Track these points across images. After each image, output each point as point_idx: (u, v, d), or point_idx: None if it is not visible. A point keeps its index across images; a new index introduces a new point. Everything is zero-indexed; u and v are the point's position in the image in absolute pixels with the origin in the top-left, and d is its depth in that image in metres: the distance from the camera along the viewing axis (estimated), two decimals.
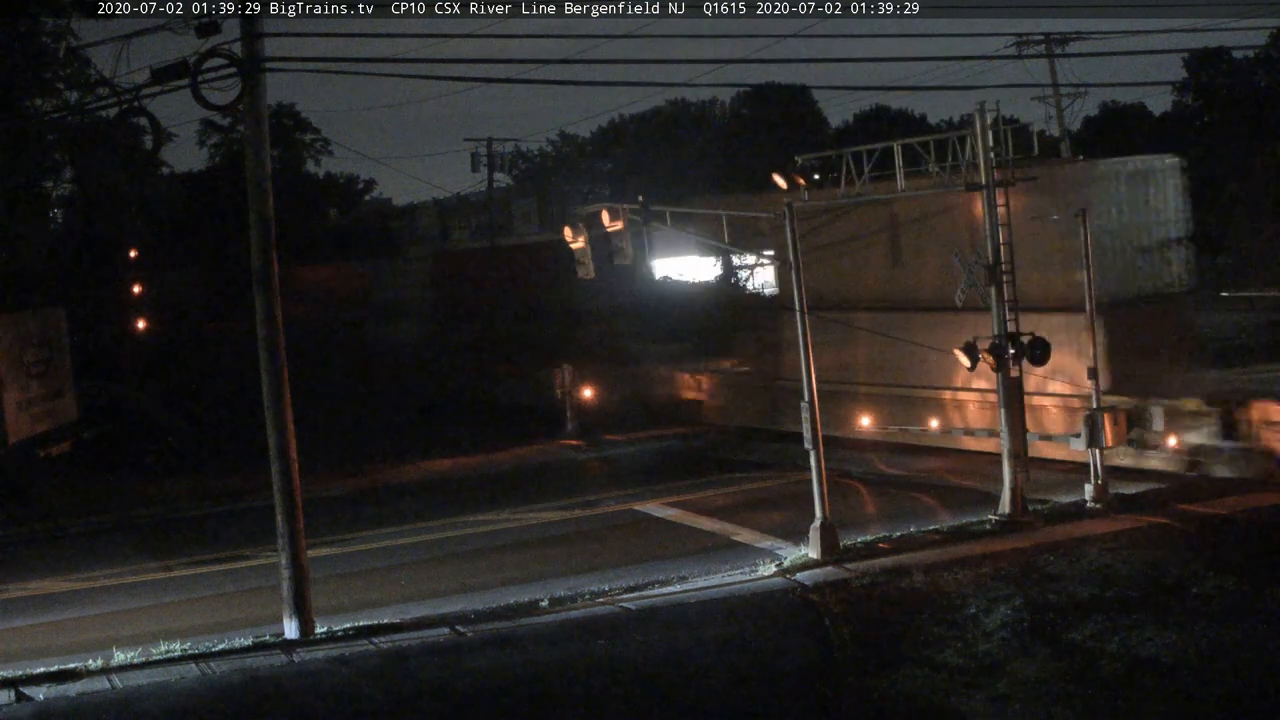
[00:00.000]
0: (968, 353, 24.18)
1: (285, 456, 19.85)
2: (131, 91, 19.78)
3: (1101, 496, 24.57)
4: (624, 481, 30.99)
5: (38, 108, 42.11)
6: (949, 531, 23.53)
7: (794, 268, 23.05)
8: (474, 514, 28.31)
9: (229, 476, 34.17)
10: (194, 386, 55.83)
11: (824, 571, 21.59)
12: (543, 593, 21.15)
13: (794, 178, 24.74)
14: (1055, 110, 51.88)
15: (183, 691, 17.51)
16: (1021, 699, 16.52)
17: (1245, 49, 68.48)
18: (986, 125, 24.54)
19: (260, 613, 20.87)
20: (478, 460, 35.82)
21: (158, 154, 50.63)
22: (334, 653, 18.83)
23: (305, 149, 75.64)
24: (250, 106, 19.49)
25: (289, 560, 19.72)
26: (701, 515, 26.66)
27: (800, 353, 22.91)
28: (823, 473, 22.45)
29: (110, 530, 29.58)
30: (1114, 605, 19.02)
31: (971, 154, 24.81)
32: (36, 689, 17.70)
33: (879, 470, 30.02)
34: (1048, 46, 50.83)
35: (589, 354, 42.87)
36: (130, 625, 20.82)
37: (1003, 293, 24.44)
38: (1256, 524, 22.71)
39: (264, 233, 19.80)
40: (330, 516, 28.04)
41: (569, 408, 38.72)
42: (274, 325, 19.81)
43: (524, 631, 19.40)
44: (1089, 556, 21.25)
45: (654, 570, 22.31)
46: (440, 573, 23.41)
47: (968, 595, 19.89)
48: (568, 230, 26.52)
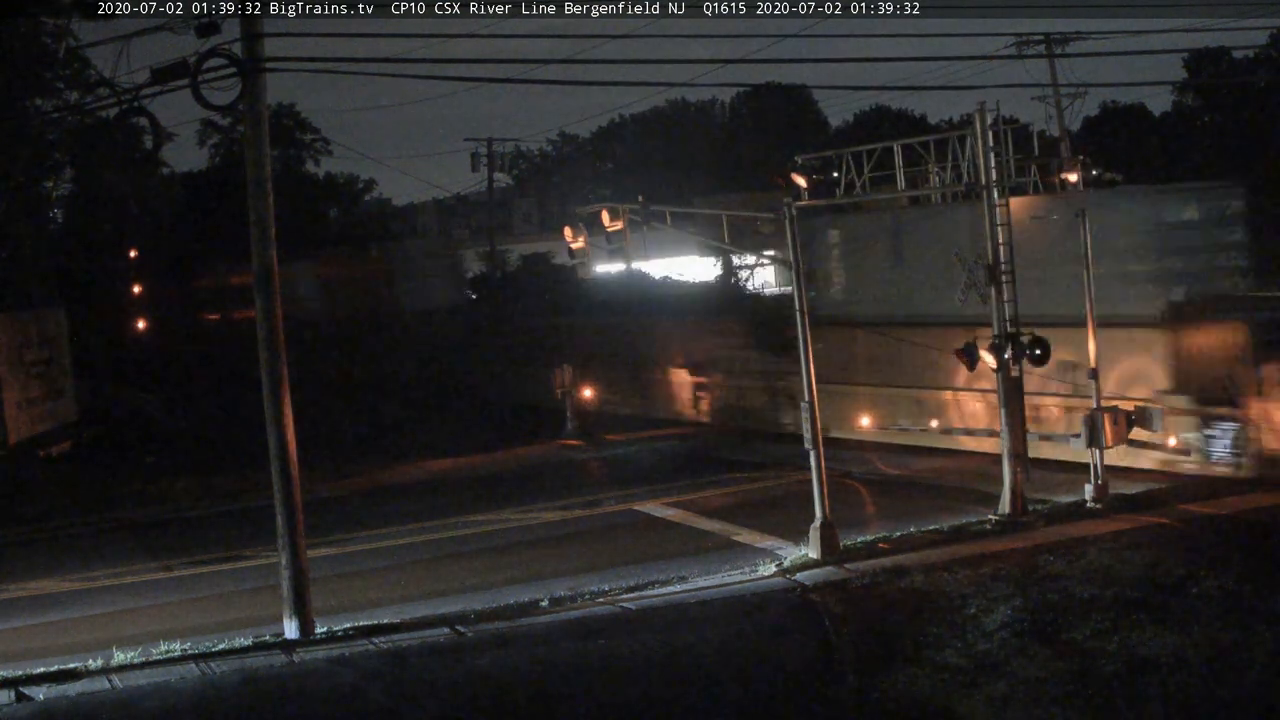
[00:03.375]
0: (966, 354, 24.22)
1: (285, 456, 19.84)
2: (131, 91, 19.79)
3: (1101, 496, 24.57)
4: (624, 481, 30.98)
5: (38, 108, 42.14)
6: (949, 531, 23.52)
7: (794, 268, 23.05)
8: (474, 514, 28.30)
9: (229, 476, 34.20)
10: (194, 386, 55.91)
11: (824, 571, 21.59)
12: (543, 593, 21.15)
13: (794, 178, 24.74)
14: (1055, 110, 51.89)
15: (183, 691, 17.50)
16: (1021, 699, 16.51)
17: (1245, 49, 68.57)
18: (986, 125, 24.58)
19: (260, 613, 20.86)
20: (478, 460, 35.83)
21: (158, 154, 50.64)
22: (334, 653, 18.82)
23: (305, 149, 75.70)
24: (250, 106, 19.50)
25: (289, 560, 19.72)
26: (701, 515, 26.66)
27: (802, 353, 22.93)
28: (823, 473, 22.46)
29: (110, 530, 29.58)
30: (1114, 605, 19.01)
31: (972, 154, 24.85)
32: (36, 689, 17.69)
33: (879, 470, 30.02)
34: (1048, 46, 50.82)
35: (589, 353, 42.88)
36: (130, 625, 20.82)
37: (1002, 292, 24.47)
38: (1257, 524, 22.71)
39: (264, 233, 19.80)
40: (330, 516, 28.05)
41: (569, 408, 38.74)
42: (274, 325, 19.82)
43: (524, 631, 19.40)
44: (1089, 556, 21.25)
45: (654, 570, 22.30)
46: (440, 573, 23.41)
47: (968, 595, 19.88)
48: (568, 230, 26.59)
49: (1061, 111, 51.79)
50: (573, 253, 27.65)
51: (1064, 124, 51.96)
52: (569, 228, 26.61)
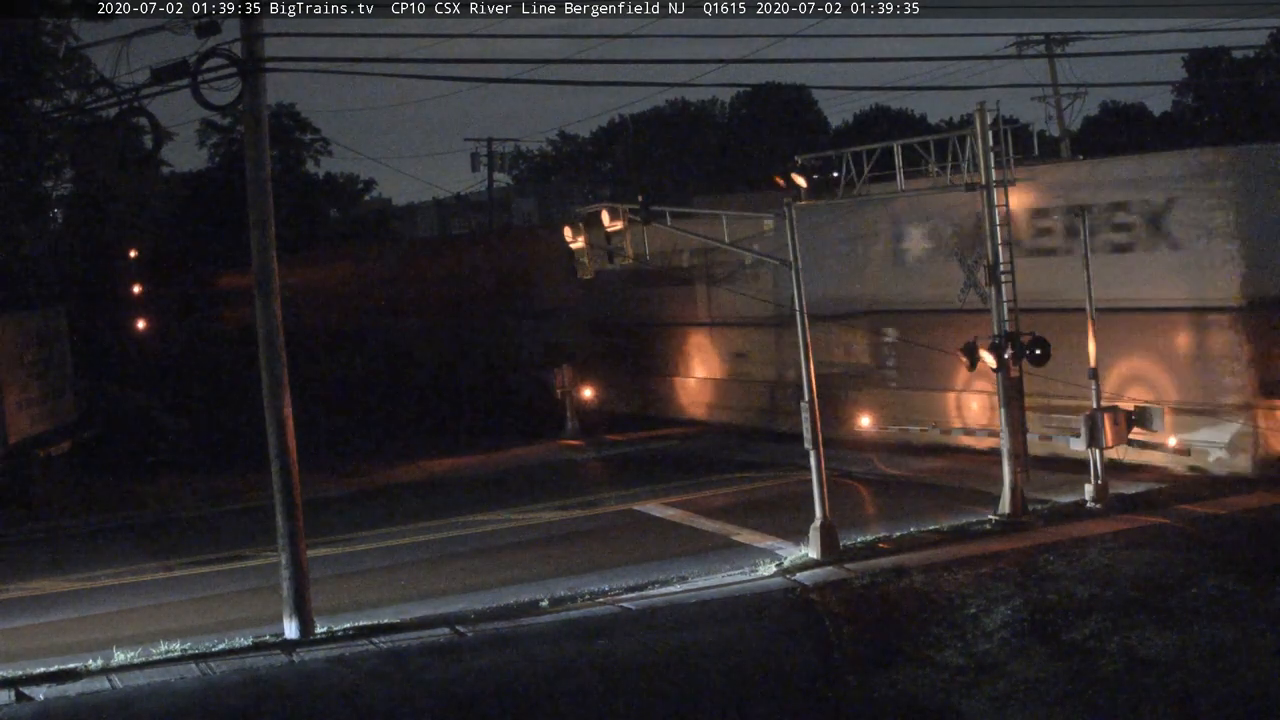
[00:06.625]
0: (966, 353, 24.22)
1: (285, 456, 19.85)
2: (131, 91, 19.78)
3: (1101, 496, 24.57)
4: (624, 481, 30.98)
5: (38, 108, 42.09)
6: (949, 531, 23.53)
7: (794, 268, 23.05)
8: (474, 514, 28.30)
9: (229, 476, 34.21)
10: (193, 386, 55.90)
11: (824, 571, 21.60)
12: (543, 593, 21.15)
13: (794, 177, 24.71)
14: (1055, 110, 51.89)
15: (183, 691, 17.51)
16: (1021, 699, 16.52)
17: (1245, 49, 68.66)
18: (986, 125, 24.57)
19: (260, 613, 20.87)
20: (478, 460, 35.83)
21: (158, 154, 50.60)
22: (334, 653, 18.83)
23: (305, 149, 75.67)
24: (250, 107, 19.50)
25: (289, 560, 19.72)
26: (701, 515, 26.66)
27: (802, 353, 22.93)
28: (823, 473, 22.46)
29: (110, 530, 29.59)
30: (1114, 605, 19.02)
31: (972, 153, 24.84)
32: (36, 689, 17.70)
33: (879, 470, 30.03)
34: (1048, 46, 50.83)
35: (590, 353, 42.88)
36: (130, 625, 20.82)
37: (1002, 292, 24.48)
38: (1257, 524, 22.71)
39: (264, 233, 19.81)
40: (330, 516, 28.06)
41: (569, 408, 38.74)
42: (274, 325, 19.83)
43: (524, 631, 19.40)
44: (1089, 556, 21.26)
45: (654, 570, 22.30)
46: (440, 573, 23.41)
47: (968, 595, 19.89)
48: (568, 230, 26.54)
49: (1061, 111, 51.81)
50: (573, 253, 27.62)
51: (1064, 124, 51.97)
52: (569, 227, 26.55)
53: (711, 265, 37.85)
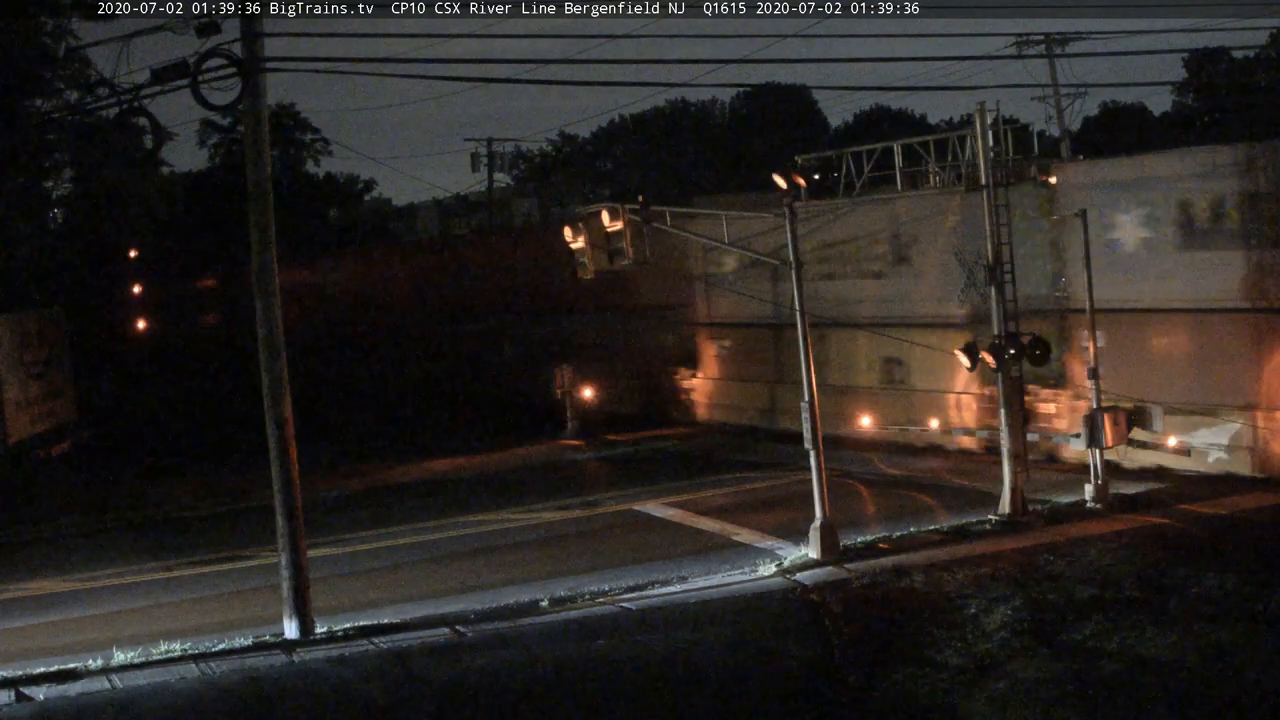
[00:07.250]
0: (967, 353, 24.21)
1: (285, 456, 19.84)
2: (131, 91, 19.75)
3: (1101, 497, 24.56)
4: (624, 481, 30.98)
5: (38, 108, 42.14)
6: (949, 531, 23.52)
7: (794, 268, 23.04)
8: (474, 514, 28.30)
9: (229, 476, 34.22)
10: (194, 386, 55.92)
11: (824, 571, 21.59)
12: (543, 593, 21.14)
13: (794, 178, 24.70)
14: (1055, 110, 51.89)
15: (183, 691, 17.50)
16: (1021, 699, 16.53)
17: (1245, 49, 68.68)
18: (986, 125, 24.56)
19: (260, 613, 20.86)
20: (478, 460, 35.82)
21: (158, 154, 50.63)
22: (334, 653, 18.82)
23: (305, 149, 75.73)
24: (250, 107, 19.49)
25: (289, 560, 19.71)
26: (701, 515, 26.65)
27: (801, 353, 22.92)
28: (823, 473, 22.45)
29: (110, 530, 29.58)
30: (1114, 605, 19.02)
31: (972, 154, 24.85)
32: (36, 689, 17.69)
33: (879, 470, 30.03)
34: (1048, 46, 50.83)
35: (589, 353, 42.88)
36: (130, 625, 20.81)
37: (1003, 292, 24.47)
38: (1257, 524, 22.71)
39: (263, 233, 19.81)
40: (330, 516, 28.06)
41: (569, 408, 38.74)
42: (274, 325, 19.82)
43: (524, 631, 19.39)
44: (1089, 556, 21.25)
45: (654, 570, 22.29)
46: (440, 573, 23.41)
47: (968, 595, 19.89)
48: (568, 230, 26.49)
49: (1061, 111, 51.80)
50: (573, 253, 27.60)
51: (1064, 124, 51.98)
52: (569, 227, 26.52)
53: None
